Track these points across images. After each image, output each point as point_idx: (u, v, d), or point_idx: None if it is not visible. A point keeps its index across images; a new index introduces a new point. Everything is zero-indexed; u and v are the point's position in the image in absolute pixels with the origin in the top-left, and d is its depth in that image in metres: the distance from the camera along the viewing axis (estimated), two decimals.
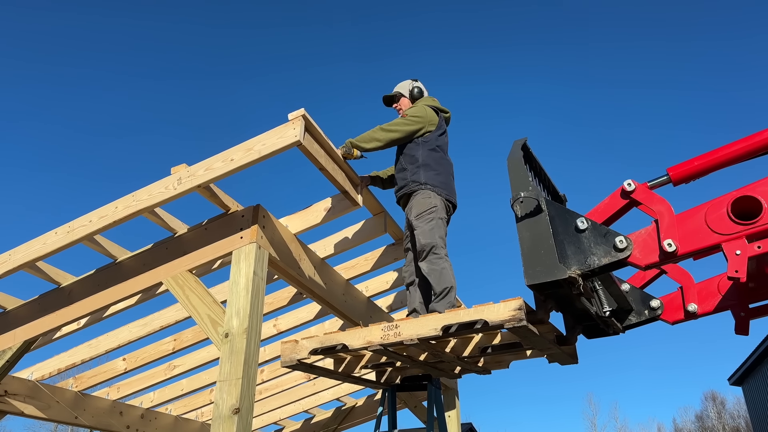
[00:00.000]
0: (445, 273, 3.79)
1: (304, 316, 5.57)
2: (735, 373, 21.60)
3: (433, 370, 3.94)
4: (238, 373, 3.19)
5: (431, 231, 3.88)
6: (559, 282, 2.75)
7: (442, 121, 4.32)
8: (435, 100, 4.46)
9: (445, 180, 4.12)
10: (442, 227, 3.95)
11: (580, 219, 2.89)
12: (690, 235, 2.68)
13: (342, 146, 3.99)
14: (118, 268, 4.11)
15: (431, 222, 3.91)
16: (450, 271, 3.83)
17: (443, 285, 3.76)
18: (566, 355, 3.60)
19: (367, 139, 4.04)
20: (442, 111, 4.40)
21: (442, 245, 3.88)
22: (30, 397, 5.23)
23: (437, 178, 4.06)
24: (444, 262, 3.83)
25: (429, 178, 4.04)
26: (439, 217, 3.94)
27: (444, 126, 4.34)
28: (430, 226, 3.90)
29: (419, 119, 4.15)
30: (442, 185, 4.07)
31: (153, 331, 5.11)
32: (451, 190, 4.17)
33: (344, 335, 3.48)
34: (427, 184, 4.02)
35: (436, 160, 4.13)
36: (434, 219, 3.92)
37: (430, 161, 4.09)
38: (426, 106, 4.27)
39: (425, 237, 3.87)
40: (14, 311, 4.45)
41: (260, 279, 3.55)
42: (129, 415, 6.23)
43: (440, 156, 4.18)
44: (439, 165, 4.12)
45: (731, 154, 2.80)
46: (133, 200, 3.66)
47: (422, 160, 4.09)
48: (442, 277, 3.78)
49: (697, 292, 3.22)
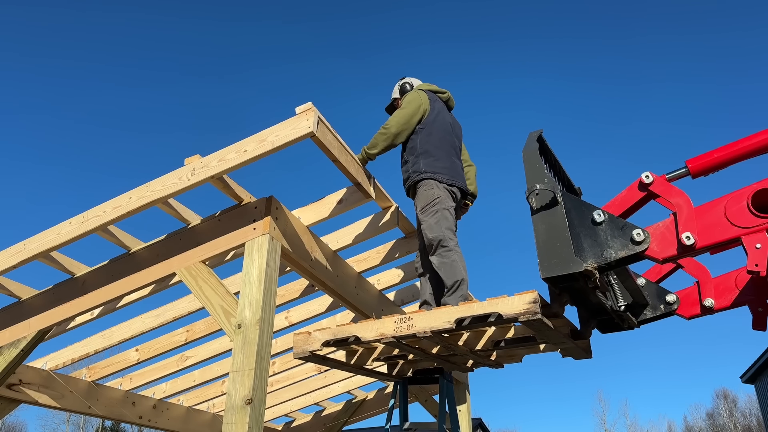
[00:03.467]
0: (455, 266, 3.74)
1: (316, 308, 5.57)
2: (747, 371, 21.40)
3: (446, 363, 3.93)
4: (250, 364, 3.19)
5: (437, 224, 3.84)
6: (574, 275, 2.72)
7: (437, 102, 4.25)
8: (430, 85, 4.42)
9: (447, 164, 4.04)
10: (448, 218, 3.88)
11: (597, 211, 2.85)
12: (709, 228, 2.64)
13: (359, 154, 4.01)
14: (131, 258, 4.13)
15: (436, 215, 3.86)
16: (460, 263, 3.78)
17: (454, 278, 3.71)
18: (580, 349, 3.56)
19: (372, 144, 4.06)
20: (439, 92, 4.36)
21: (450, 236, 3.82)
22: (44, 386, 5.27)
23: (437, 164, 3.99)
24: (453, 254, 3.78)
25: (428, 166, 3.98)
26: (443, 207, 3.88)
27: (439, 107, 4.23)
28: (436, 219, 3.85)
29: (408, 103, 4.11)
30: (444, 170, 3.99)
31: (166, 322, 5.13)
32: (455, 172, 4.08)
33: (357, 327, 3.47)
34: (427, 172, 3.97)
35: (435, 144, 4.06)
36: (439, 211, 3.87)
37: (429, 147, 4.04)
38: (417, 91, 4.23)
39: (431, 231, 3.83)
40: (29, 301, 4.48)
41: (273, 270, 3.55)
42: (141, 406, 6.27)
43: (439, 138, 4.09)
44: (438, 149, 4.05)
45: (752, 146, 2.75)
46: (147, 191, 3.67)
47: (420, 148, 4.04)
48: (452, 270, 3.73)
49: (714, 286, 3.18)
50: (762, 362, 19.93)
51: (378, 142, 4.04)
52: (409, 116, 4.07)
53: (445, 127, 4.18)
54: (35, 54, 56.84)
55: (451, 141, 4.18)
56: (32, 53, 56.34)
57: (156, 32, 65.63)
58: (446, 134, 4.16)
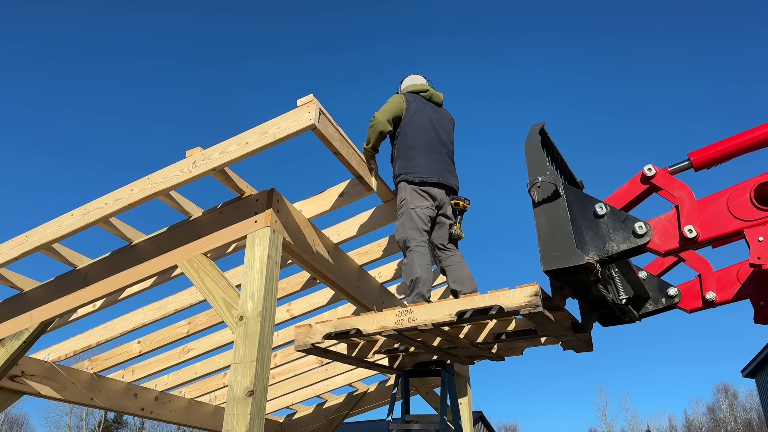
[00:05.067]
0: (412, 265, 3.83)
1: (317, 301, 5.58)
2: (748, 365, 21.40)
3: (447, 355, 3.93)
4: (252, 356, 3.19)
5: (401, 226, 4.00)
6: (576, 268, 2.71)
7: (414, 103, 4.27)
8: (415, 85, 4.46)
9: (419, 162, 4.08)
10: (414, 218, 3.95)
11: (599, 204, 2.84)
12: (711, 221, 2.63)
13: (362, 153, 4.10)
14: (133, 250, 4.13)
15: (401, 218, 4.02)
16: (418, 262, 3.83)
17: (410, 277, 3.82)
18: (581, 342, 3.57)
19: (366, 140, 4.18)
20: (421, 92, 4.40)
21: (413, 236, 3.91)
22: (46, 378, 5.29)
23: (408, 164, 4.09)
24: (413, 253, 3.87)
25: (401, 168, 4.12)
26: (410, 208, 3.98)
27: (415, 107, 4.25)
28: (400, 222, 4.02)
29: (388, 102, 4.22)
30: (416, 168, 4.05)
31: (168, 314, 5.14)
32: (430, 168, 4.08)
33: (358, 320, 3.47)
34: (400, 175, 4.12)
35: (408, 144, 4.14)
36: (404, 214, 4.01)
37: (402, 149, 4.15)
38: (398, 94, 4.33)
39: (397, 234, 4.02)
40: (31, 293, 4.49)
41: (274, 263, 3.55)
42: (143, 398, 6.29)
43: (412, 138, 4.15)
44: (410, 149, 4.12)
45: (754, 139, 2.74)
46: (149, 183, 3.67)
47: (396, 153, 4.22)
48: (409, 270, 3.84)
49: (715, 280, 3.17)
50: (763, 356, 19.92)
51: (369, 136, 4.18)
52: (389, 111, 4.19)
53: (421, 125, 4.21)
54: (35, 49, 56.79)
55: (427, 137, 4.19)
56: (32, 49, 56.29)
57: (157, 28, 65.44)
58: (421, 132, 4.19)
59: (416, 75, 4.61)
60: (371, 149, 4.15)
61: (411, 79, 4.58)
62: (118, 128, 63.63)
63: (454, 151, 4.38)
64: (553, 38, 76.96)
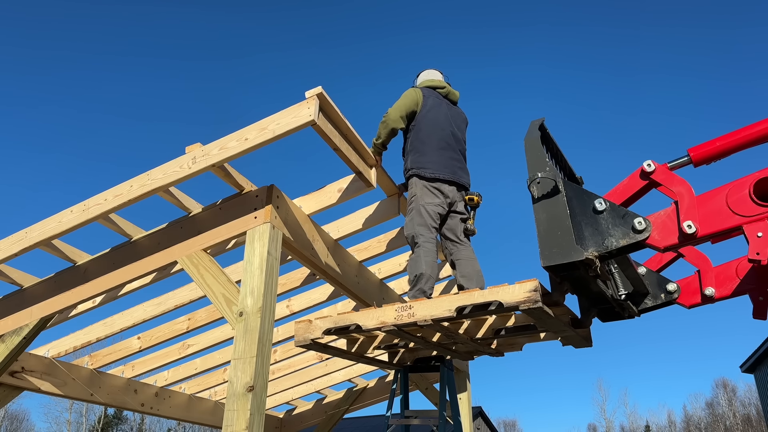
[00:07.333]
0: (418, 260, 3.83)
1: (317, 297, 5.59)
2: (747, 360, 21.44)
3: (446, 351, 3.94)
4: (252, 352, 3.20)
5: (410, 221, 3.99)
6: (575, 264, 2.72)
7: (431, 99, 4.25)
8: (432, 81, 4.44)
9: (433, 158, 4.07)
10: (423, 214, 3.95)
11: (598, 200, 2.84)
12: (710, 217, 2.63)
13: (371, 148, 4.09)
14: (133, 247, 4.13)
15: (411, 213, 4.01)
16: (424, 258, 3.82)
17: (414, 272, 3.82)
18: (580, 337, 3.57)
19: (377, 135, 4.17)
20: (438, 88, 4.37)
21: (421, 232, 3.91)
22: (46, 374, 5.30)
23: (422, 159, 4.07)
24: (420, 249, 3.87)
25: (413, 163, 4.09)
26: (420, 204, 3.97)
27: (432, 103, 4.23)
28: (409, 218, 4.01)
29: (404, 96, 4.20)
30: (429, 164, 4.04)
31: (167, 310, 5.15)
32: (443, 165, 4.07)
33: (358, 315, 3.48)
34: (412, 169, 4.09)
35: (422, 139, 4.12)
36: (414, 209, 4.00)
37: (416, 144, 4.13)
38: (414, 88, 4.29)
39: (406, 229, 4.02)
40: (31, 289, 4.49)
41: (274, 259, 3.55)
42: (143, 394, 6.30)
43: (427, 133, 4.13)
44: (424, 144, 4.10)
45: (754, 134, 2.74)
46: (148, 179, 3.67)
47: (409, 147, 4.18)
48: (414, 265, 3.84)
49: (714, 275, 3.18)
50: (762, 352, 19.97)
51: (380, 132, 4.15)
52: (403, 106, 4.16)
53: (436, 121, 4.20)
54: (31, 45, 56.63)
55: (442, 134, 4.17)
56: (28, 45, 56.13)
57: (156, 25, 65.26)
58: (436, 128, 4.17)
59: (433, 70, 4.57)
60: (380, 145, 4.14)
61: (428, 74, 4.54)
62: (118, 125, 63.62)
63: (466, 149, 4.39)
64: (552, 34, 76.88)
